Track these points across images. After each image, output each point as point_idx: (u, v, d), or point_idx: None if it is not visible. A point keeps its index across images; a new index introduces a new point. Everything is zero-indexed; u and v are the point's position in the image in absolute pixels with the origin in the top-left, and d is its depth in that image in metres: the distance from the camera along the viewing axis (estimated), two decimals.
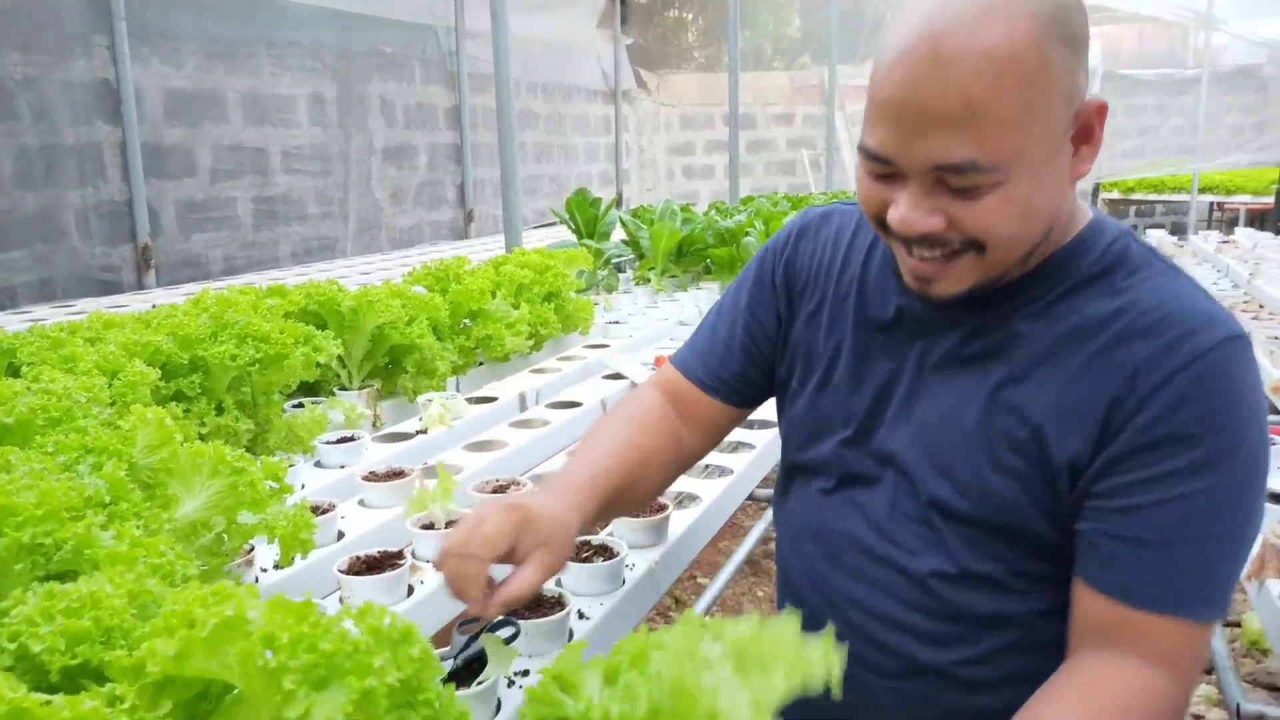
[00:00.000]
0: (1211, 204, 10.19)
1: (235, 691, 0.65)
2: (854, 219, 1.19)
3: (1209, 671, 3.39)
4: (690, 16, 10.44)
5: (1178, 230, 8.74)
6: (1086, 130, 0.92)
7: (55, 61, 4.11)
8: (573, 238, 4.29)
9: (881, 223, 0.97)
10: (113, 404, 1.46)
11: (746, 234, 3.94)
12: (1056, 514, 0.96)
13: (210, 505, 1.14)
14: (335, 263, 5.28)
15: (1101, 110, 0.92)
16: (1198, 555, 0.89)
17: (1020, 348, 0.99)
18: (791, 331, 1.20)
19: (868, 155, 0.94)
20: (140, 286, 4.44)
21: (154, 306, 3.07)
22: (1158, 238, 5.57)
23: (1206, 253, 4.95)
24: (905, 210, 0.92)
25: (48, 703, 0.56)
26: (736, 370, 1.24)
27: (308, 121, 5.46)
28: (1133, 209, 10.81)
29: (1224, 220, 10.01)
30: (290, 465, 1.43)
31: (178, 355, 1.73)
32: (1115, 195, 10.55)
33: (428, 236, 6.57)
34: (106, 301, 3.92)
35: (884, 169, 0.93)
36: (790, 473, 1.22)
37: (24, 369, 1.62)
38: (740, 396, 1.26)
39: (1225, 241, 5.25)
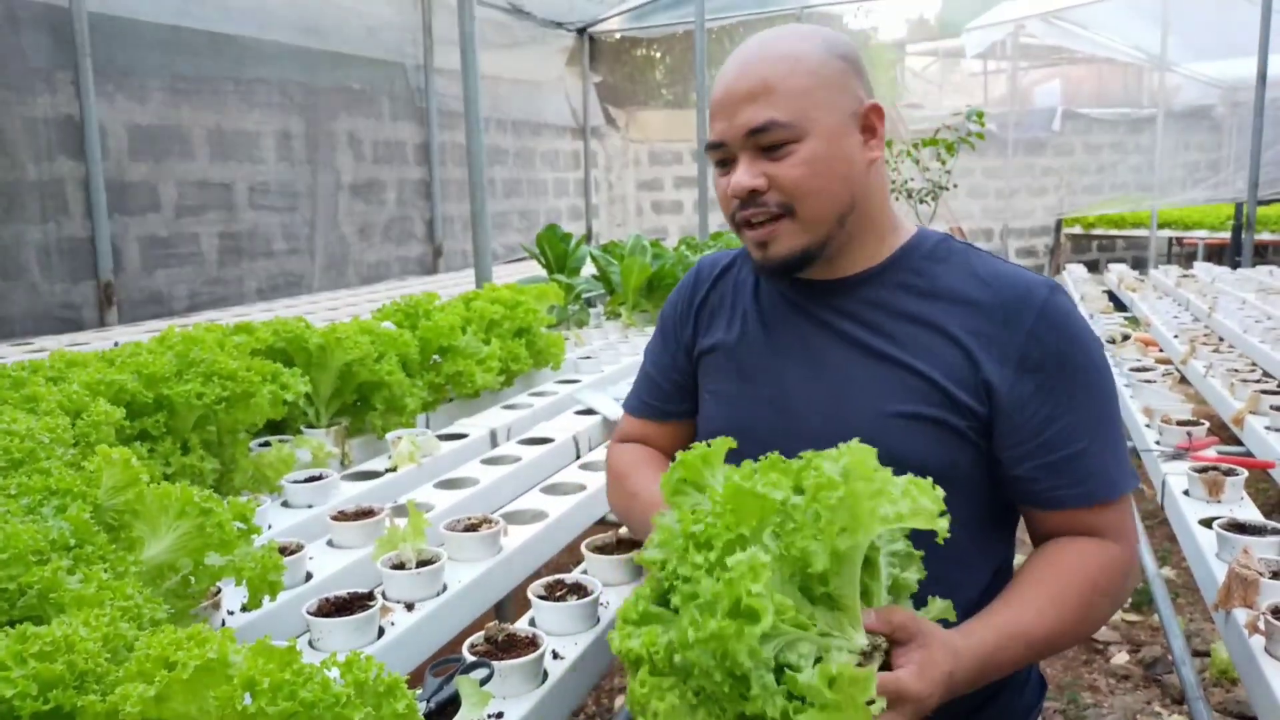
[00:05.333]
0: (1170, 239, 10.40)
1: None
2: (728, 258, 1.47)
3: (1180, 701, 3.41)
4: (658, 55, 10.55)
5: (1138, 264, 8.92)
6: (870, 127, 1.22)
7: (17, 97, 4.07)
8: (543, 272, 4.29)
9: (734, 221, 1.25)
10: (76, 444, 1.43)
11: None
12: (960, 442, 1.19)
13: (177, 547, 1.11)
14: (302, 299, 5.23)
15: (879, 111, 1.23)
16: (1101, 450, 1.16)
17: (888, 320, 1.24)
18: (699, 353, 1.43)
19: (709, 147, 1.25)
20: (102, 324, 4.37)
21: (116, 344, 3.03)
22: (1119, 271, 5.68)
23: (1167, 287, 5.05)
24: (736, 176, 1.21)
25: None
26: (675, 395, 1.47)
27: (274, 157, 5.43)
28: (1094, 244, 11.02)
29: (1183, 254, 10.23)
30: (258, 505, 1.41)
31: (143, 394, 1.70)
32: (1077, 230, 10.75)
33: (396, 272, 6.55)
34: (67, 339, 3.85)
35: (721, 154, 1.24)
36: None
37: None
38: (682, 413, 1.48)
39: (1185, 276, 5.36)
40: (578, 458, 2.28)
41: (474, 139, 3.26)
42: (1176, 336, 3.65)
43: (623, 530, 1.55)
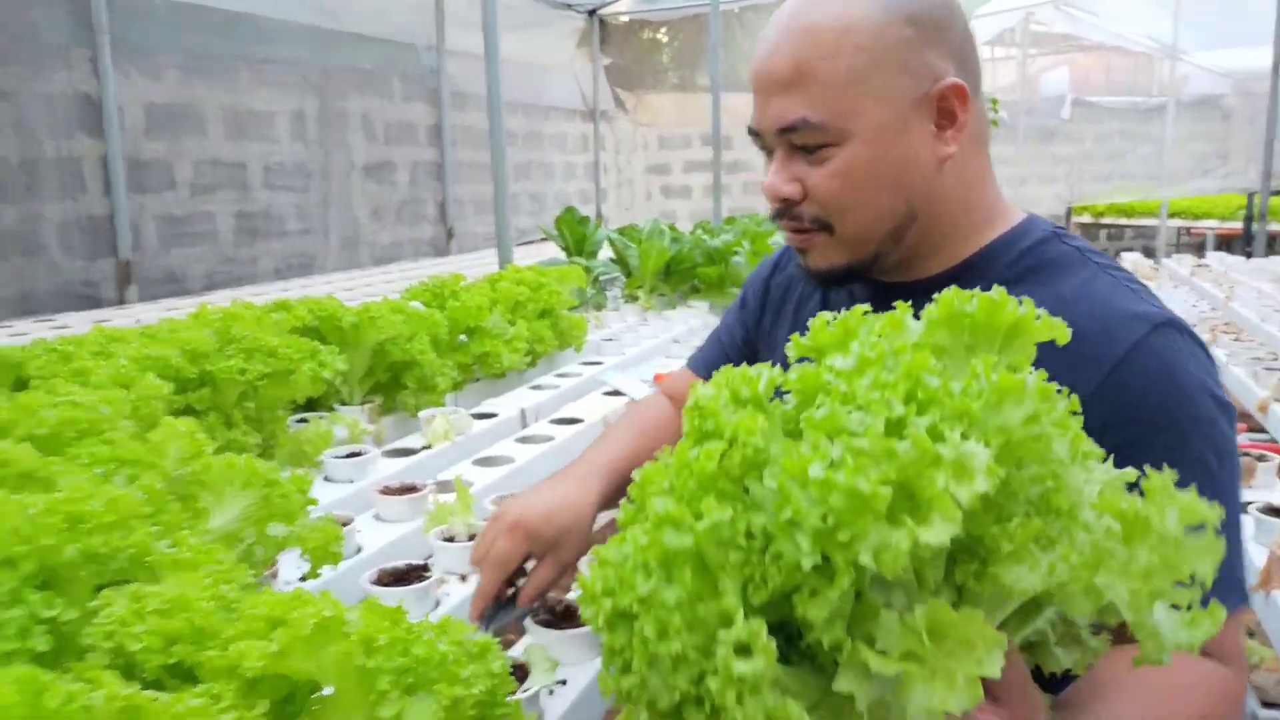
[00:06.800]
0: (1180, 229, 10.41)
1: (322, 693, 0.65)
2: None
3: None
4: (665, 38, 10.52)
5: (1148, 254, 8.93)
6: (947, 111, 0.95)
7: (36, 75, 4.06)
8: (557, 254, 4.30)
9: (772, 216, 1.05)
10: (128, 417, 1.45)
11: (735, 253, 3.97)
12: None
13: (243, 517, 1.13)
14: (316, 278, 5.24)
15: (959, 90, 0.94)
16: None
17: None
18: (762, 338, 1.30)
19: (750, 134, 1.03)
20: (121, 301, 4.39)
21: (137, 322, 3.04)
22: (1133, 260, 5.68)
23: (1182, 276, 5.05)
24: (769, 176, 1.00)
25: (155, 699, 0.56)
26: (728, 361, 1.33)
27: (288, 137, 5.43)
28: (1103, 232, 11.02)
29: (1192, 244, 10.23)
30: (311, 480, 1.42)
31: (187, 369, 1.71)
32: (1087, 219, 10.76)
33: (408, 253, 6.55)
34: (88, 316, 3.86)
35: (760, 144, 1.02)
36: None
37: (33, 382, 1.59)
38: None
39: (1199, 265, 5.36)
40: None
41: (496, 121, 3.27)
42: (1195, 325, 3.66)
43: None
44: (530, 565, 1.12)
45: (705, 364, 1.39)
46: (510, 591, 1.11)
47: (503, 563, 1.08)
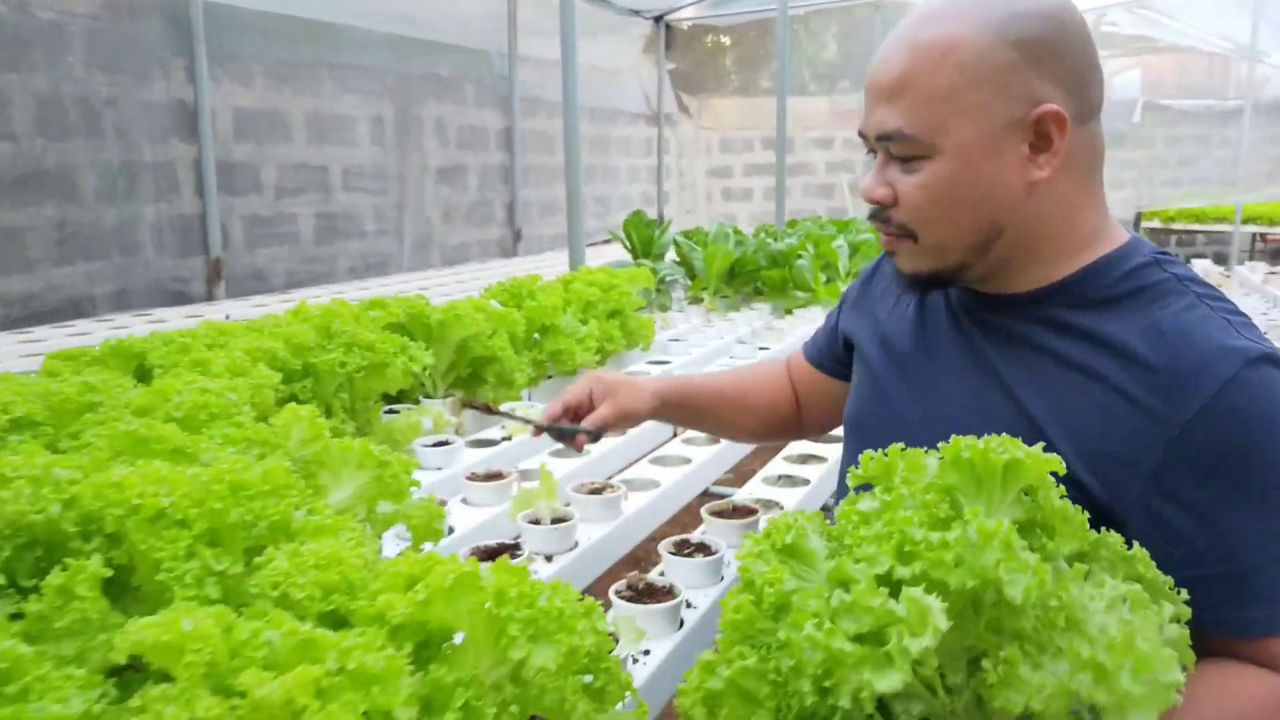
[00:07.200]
0: (1254, 234, 10.16)
1: (454, 641, 0.75)
2: None
3: None
4: (728, 42, 10.58)
5: (1220, 260, 8.74)
6: (1044, 136, 0.97)
7: (136, 83, 4.30)
8: (620, 255, 4.41)
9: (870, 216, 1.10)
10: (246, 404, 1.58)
11: (799, 257, 4.04)
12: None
13: (357, 495, 1.25)
14: (392, 278, 5.43)
15: (1058, 119, 0.96)
16: (1273, 575, 0.89)
17: (1029, 357, 1.03)
18: (847, 331, 1.36)
19: (860, 135, 1.08)
20: (210, 298, 4.61)
21: (228, 317, 3.21)
22: (1203, 267, 5.60)
23: (1254, 283, 4.98)
24: (866, 179, 1.05)
25: (325, 635, 0.66)
26: (831, 351, 1.44)
27: (367, 141, 5.63)
28: (1173, 238, 10.81)
29: (1267, 251, 9.98)
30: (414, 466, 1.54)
31: (292, 361, 1.85)
32: (1156, 224, 10.55)
33: (476, 254, 6.72)
34: (181, 311, 4.07)
35: (867, 147, 1.08)
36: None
37: (155, 371, 1.74)
38: (835, 370, 1.44)
39: (1272, 273, 5.28)
40: (674, 435, 2.39)
41: (571, 128, 3.38)
42: (1267, 333, 3.62)
43: (737, 498, 1.65)
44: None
45: (811, 342, 1.52)
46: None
47: (570, 395, 1.38)
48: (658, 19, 9.22)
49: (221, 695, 0.62)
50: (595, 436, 1.37)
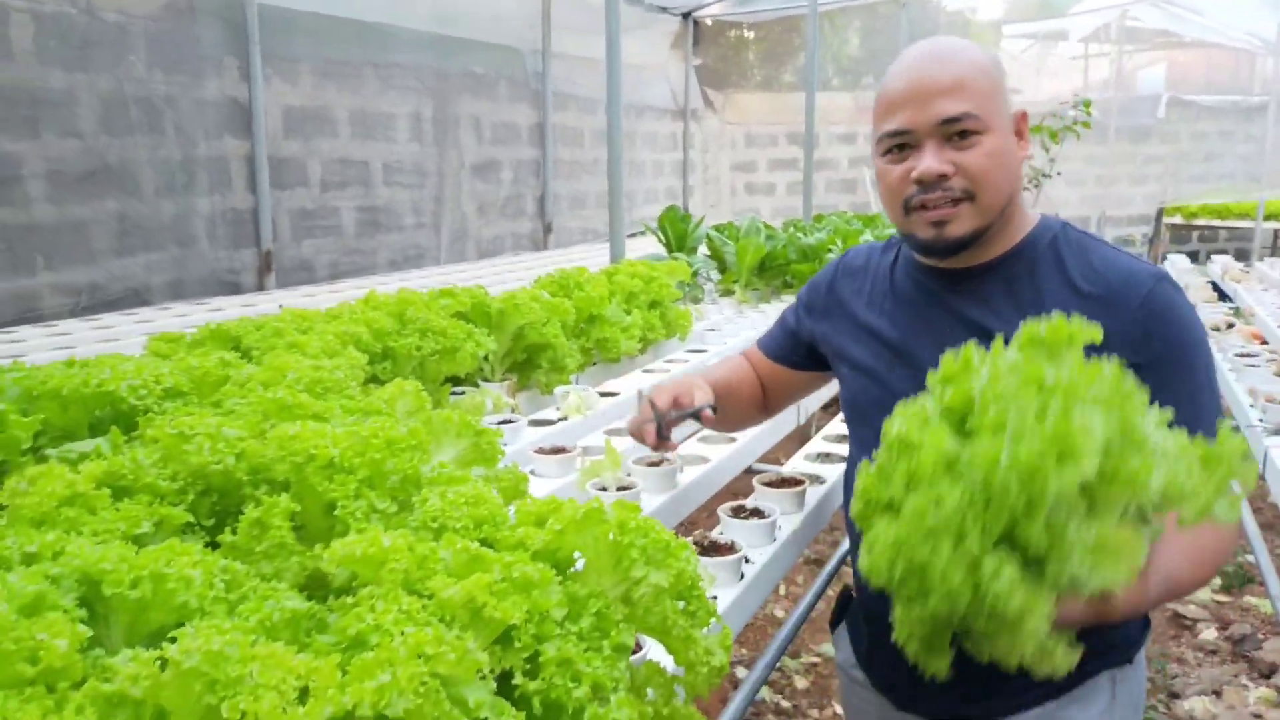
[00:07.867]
0: (1276, 231, 10.20)
1: (576, 567, 0.92)
2: (868, 249, 1.62)
3: (1268, 675, 3.52)
4: (752, 37, 10.71)
5: (1241, 256, 8.80)
6: (1020, 130, 1.36)
7: (192, 81, 4.49)
8: (651, 248, 4.57)
9: (905, 204, 1.34)
10: None
11: (829, 250, 4.19)
12: None
13: (456, 459, 1.42)
14: (430, 270, 5.62)
15: (1024, 116, 1.37)
16: (1194, 421, 1.11)
17: (1008, 311, 1.33)
18: (824, 331, 1.59)
19: (890, 135, 1.34)
20: (261, 288, 4.81)
21: (280, 306, 3.39)
22: (1223, 263, 5.71)
23: (1272, 279, 5.09)
24: (926, 161, 1.30)
25: (489, 553, 0.83)
26: (793, 348, 1.68)
27: (407, 137, 5.82)
28: (1195, 234, 10.85)
29: None
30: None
31: (373, 345, 2.03)
32: (1178, 220, 10.60)
33: (509, 247, 6.91)
34: (235, 300, 4.27)
35: (902, 141, 1.33)
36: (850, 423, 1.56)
37: (253, 353, 1.92)
38: (797, 364, 1.69)
39: None
40: (694, 433, 2.55)
41: (614, 125, 3.54)
42: None
43: (785, 470, 1.82)
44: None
45: (769, 338, 1.74)
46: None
47: (667, 393, 1.52)
48: (685, 15, 9.35)
49: (415, 596, 0.79)
50: (714, 409, 1.53)
